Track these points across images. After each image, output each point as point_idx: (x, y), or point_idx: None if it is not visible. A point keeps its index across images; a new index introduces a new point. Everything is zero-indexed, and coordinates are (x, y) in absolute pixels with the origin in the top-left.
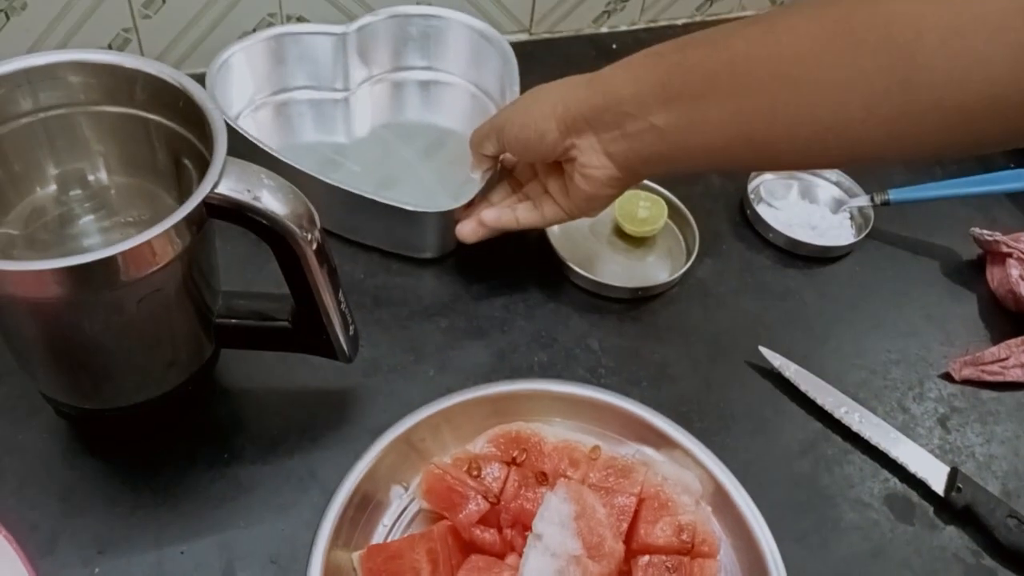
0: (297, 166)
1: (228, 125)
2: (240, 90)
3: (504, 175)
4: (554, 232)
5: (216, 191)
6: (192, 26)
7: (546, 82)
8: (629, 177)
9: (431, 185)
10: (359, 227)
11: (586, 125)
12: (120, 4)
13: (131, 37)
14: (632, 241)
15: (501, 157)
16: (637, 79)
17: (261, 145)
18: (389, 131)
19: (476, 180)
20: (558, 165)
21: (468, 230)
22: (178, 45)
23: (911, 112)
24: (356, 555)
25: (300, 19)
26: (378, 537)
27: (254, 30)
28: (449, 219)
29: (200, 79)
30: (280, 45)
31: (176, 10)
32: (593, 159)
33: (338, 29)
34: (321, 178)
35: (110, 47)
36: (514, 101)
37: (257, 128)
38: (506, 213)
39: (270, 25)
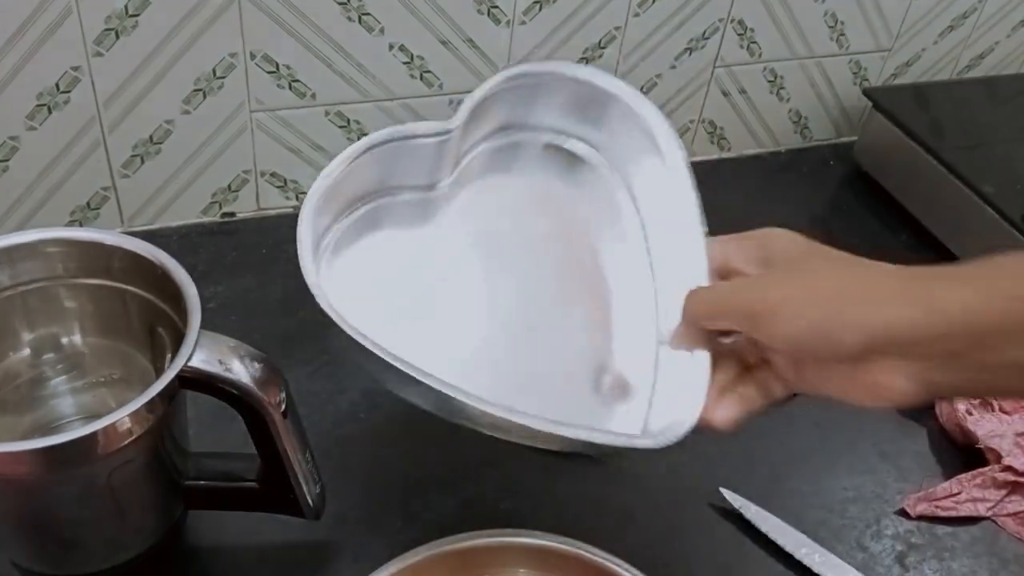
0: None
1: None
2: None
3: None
4: None
5: (189, 364)
6: (169, 183)
7: None
8: (927, 398)
9: None
10: None
11: (906, 350)
12: (100, 165)
13: (109, 195)
14: None
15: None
16: (991, 298)
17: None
18: None
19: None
20: None
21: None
22: (156, 200)
23: None
24: None
25: (274, 175)
26: None
27: (229, 186)
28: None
29: (176, 232)
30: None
31: (154, 170)
32: (897, 382)
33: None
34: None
35: (89, 205)
36: (780, 278)
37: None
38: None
39: (245, 182)
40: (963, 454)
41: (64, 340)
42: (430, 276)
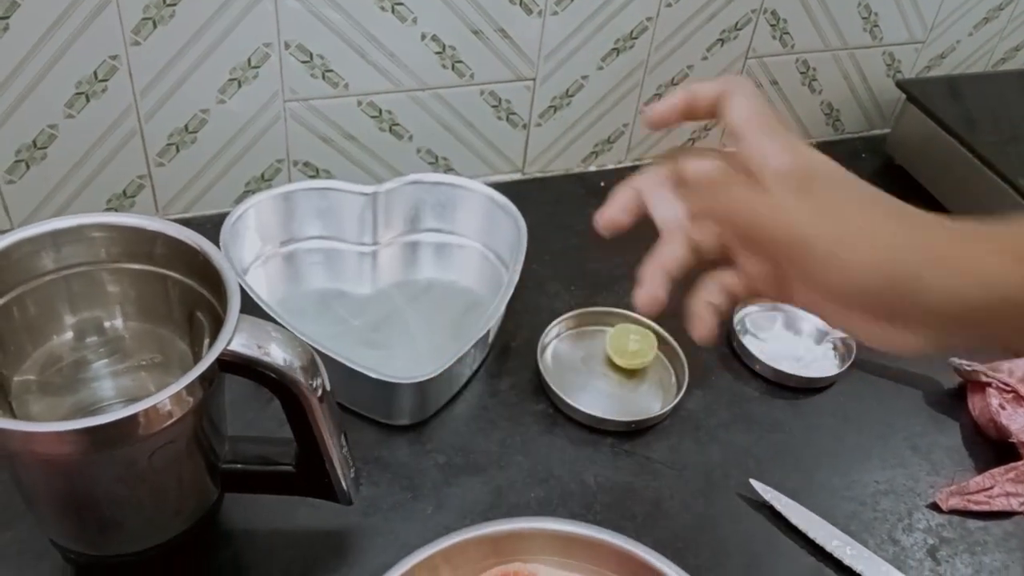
0: (280, 321)
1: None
2: (256, 237)
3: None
4: (547, 366)
5: (228, 348)
6: (204, 172)
7: (537, 220)
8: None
9: (422, 350)
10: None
11: (948, 322)
12: (136, 154)
13: (145, 184)
14: (623, 373)
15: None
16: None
17: (260, 303)
18: (399, 290)
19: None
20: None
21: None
22: (191, 189)
23: None
24: None
25: (307, 164)
26: None
27: (262, 175)
28: (422, 390)
29: (210, 220)
30: (306, 198)
31: (189, 159)
32: (911, 339)
33: (368, 189)
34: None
35: (125, 193)
36: (813, 208)
37: (268, 274)
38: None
39: (278, 171)
40: (996, 448)
41: (106, 324)
42: None
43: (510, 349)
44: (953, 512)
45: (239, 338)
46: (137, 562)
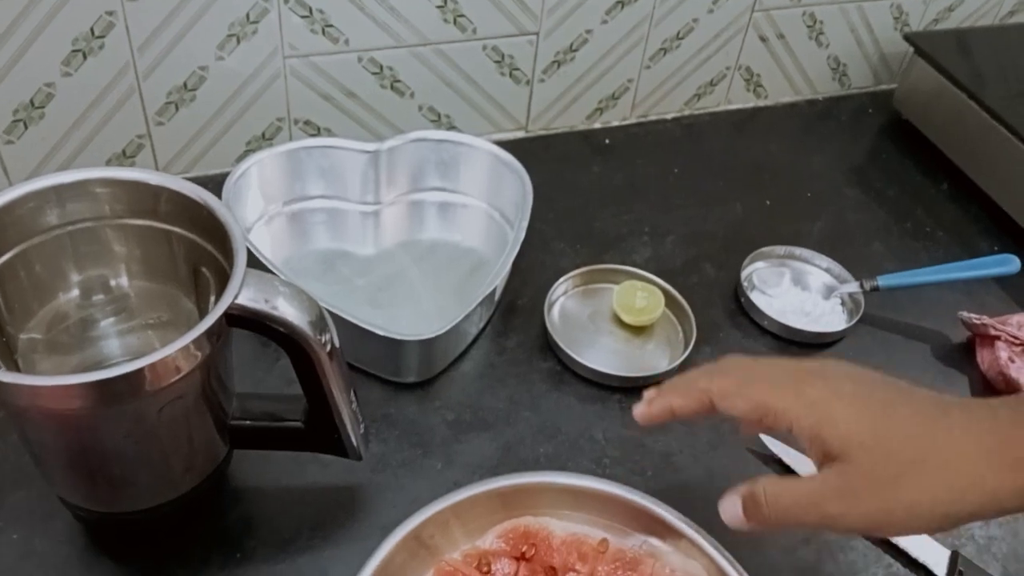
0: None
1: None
2: (258, 196)
3: None
4: (554, 323)
5: (236, 302)
6: (204, 131)
7: (542, 178)
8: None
9: (427, 310)
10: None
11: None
12: (135, 112)
13: (144, 143)
14: (631, 330)
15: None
16: None
17: (264, 261)
18: (403, 249)
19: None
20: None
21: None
22: (191, 148)
23: None
24: None
25: (308, 123)
26: None
27: (263, 134)
28: (428, 347)
29: (212, 180)
30: (309, 156)
31: (188, 117)
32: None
33: (370, 147)
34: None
35: (124, 153)
36: (872, 490)
37: (272, 234)
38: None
39: (279, 130)
40: None
41: (112, 283)
42: None
43: (516, 307)
44: None
45: (246, 292)
46: (147, 519)
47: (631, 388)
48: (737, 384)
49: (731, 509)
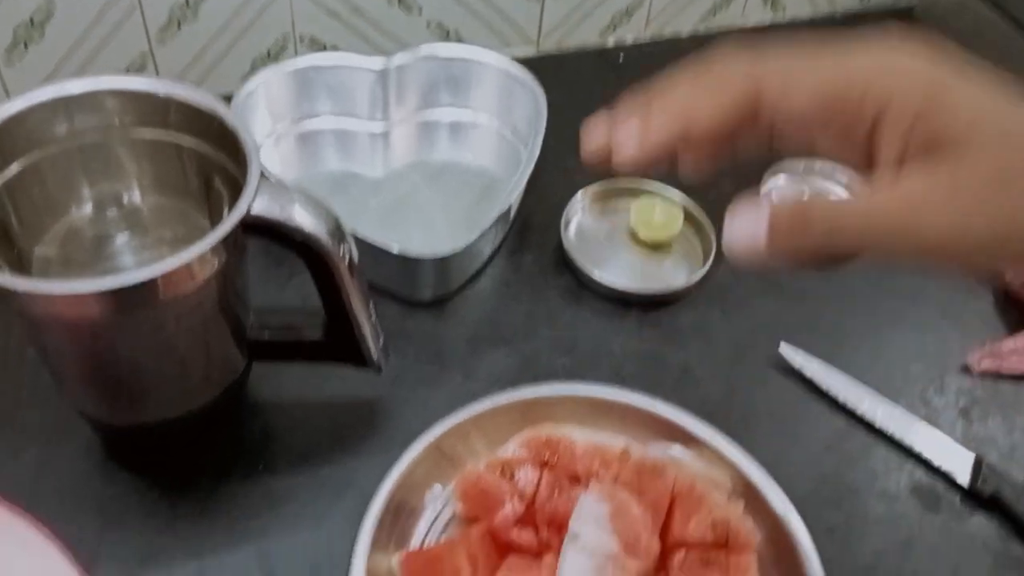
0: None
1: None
2: (266, 116)
3: None
4: (570, 239)
5: (252, 212)
6: (207, 49)
7: (554, 98)
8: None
9: (440, 231)
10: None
11: None
12: (137, 30)
13: (147, 62)
14: (648, 247)
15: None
16: None
17: (271, 178)
18: (414, 170)
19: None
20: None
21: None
22: (195, 67)
23: None
24: (395, 560)
25: (313, 40)
26: (415, 542)
27: (268, 52)
28: (444, 265)
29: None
30: (317, 75)
31: (191, 35)
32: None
33: (378, 65)
34: None
35: (127, 71)
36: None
37: (281, 155)
38: None
39: (283, 48)
40: None
41: (125, 198)
42: None
43: (531, 225)
44: (985, 374)
45: (261, 200)
46: (166, 432)
47: (649, 303)
48: (789, 58)
49: (747, 227)
